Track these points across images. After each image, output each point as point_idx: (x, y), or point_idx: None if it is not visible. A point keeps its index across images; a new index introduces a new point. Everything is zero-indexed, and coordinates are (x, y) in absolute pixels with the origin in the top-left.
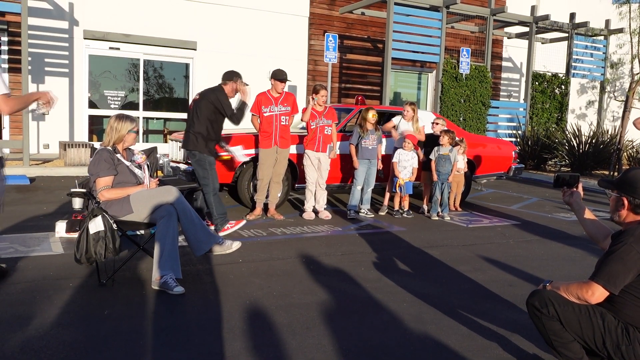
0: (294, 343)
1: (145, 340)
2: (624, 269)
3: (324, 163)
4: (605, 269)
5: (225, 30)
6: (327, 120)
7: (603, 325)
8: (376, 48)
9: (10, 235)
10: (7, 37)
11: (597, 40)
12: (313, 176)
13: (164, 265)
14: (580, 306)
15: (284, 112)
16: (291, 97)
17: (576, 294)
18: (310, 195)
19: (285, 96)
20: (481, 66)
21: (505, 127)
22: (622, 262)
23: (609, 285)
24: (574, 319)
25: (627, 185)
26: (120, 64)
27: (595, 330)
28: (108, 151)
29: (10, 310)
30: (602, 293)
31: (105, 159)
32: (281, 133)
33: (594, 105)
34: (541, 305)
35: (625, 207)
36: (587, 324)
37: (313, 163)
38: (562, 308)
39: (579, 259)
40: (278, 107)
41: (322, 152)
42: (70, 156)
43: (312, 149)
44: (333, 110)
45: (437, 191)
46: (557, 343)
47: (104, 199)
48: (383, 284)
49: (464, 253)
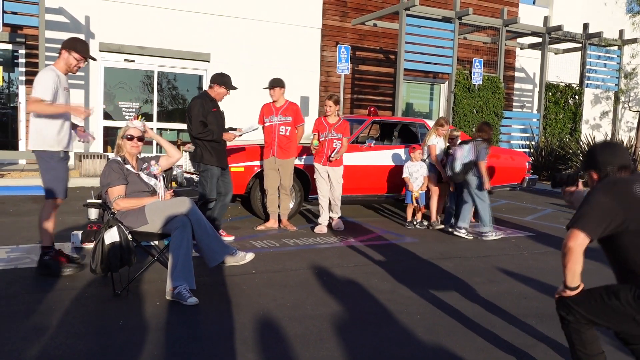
0: (307, 355)
1: (159, 351)
2: (591, 210)
3: (333, 177)
4: (575, 215)
5: (238, 42)
6: (337, 134)
7: (620, 303)
8: (388, 59)
9: (26, 245)
10: (24, 49)
11: (610, 50)
12: (324, 189)
13: (178, 276)
14: (595, 294)
15: (284, 122)
16: (293, 107)
17: (564, 247)
18: (323, 209)
19: (287, 106)
20: (494, 77)
21: (519, 137)
22: (589, 204)
23: (579, 224)
24: (597, 309)
25: (590, 161)
26: (134, 76)
27: (617, 313)
28: (117, 162)
29: (26, 320)
30: (576, 235)
31: (115, 169)
32: (279, 143)
33: (608, 115)
34: (566, 313)
35: (595, 179)
36: (608, 309)
37: (322, 176)
38: (585, 306)
39: (595, 271)
40: (278, 117)
41: (330, 166)
42: (85, 167)
43: (319, 162)
44: (346, 123)
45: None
46: (583, 355)
47: (119, 208)
48: (396, 296)
49: (478, 265)
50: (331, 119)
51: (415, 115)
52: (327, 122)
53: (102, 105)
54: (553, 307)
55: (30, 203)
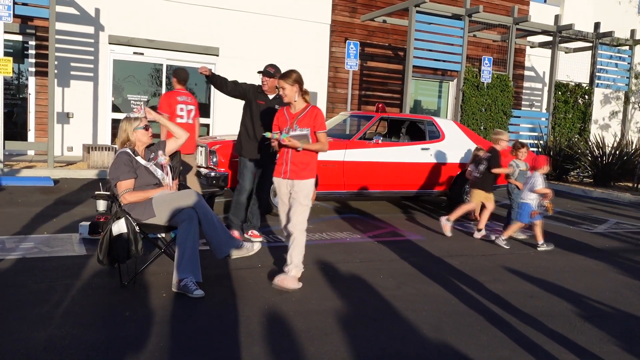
0: (311, 349)
1: (164, 342)
2: None
3: (296, 194)
4: None
5: (247, 37)
6: (301, 128)
7: None
8: (397, 56)
9: (34, 236)
10: (35, 41)
11: (622, 50)
12: (281, 211)
13: (185, 269)
14: None
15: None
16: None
17: None
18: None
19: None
20: (503, 75)
21: (527, 136)
22: None
23: None
24: None
25: None
26: (143, 69)
27: None
28: (127, 153)
29: (34, 309)
30: None
31: (125, 161)
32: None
33: (617, 115)
34: None
35: None
36: None
37: (282, 193)
38: None
39: (601, 271)
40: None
41: (292, 178)
42: (94, 159)
43: (279, 174)
44: (315, 111)
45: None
46: None
47: (126, 202)
48: (402, 293)
49: (484, 263)
50: (294, 107)
51: (424, 112)
52: (288, 112)
53: (111, 98)
54: (559, 306)
55: (38, 194)
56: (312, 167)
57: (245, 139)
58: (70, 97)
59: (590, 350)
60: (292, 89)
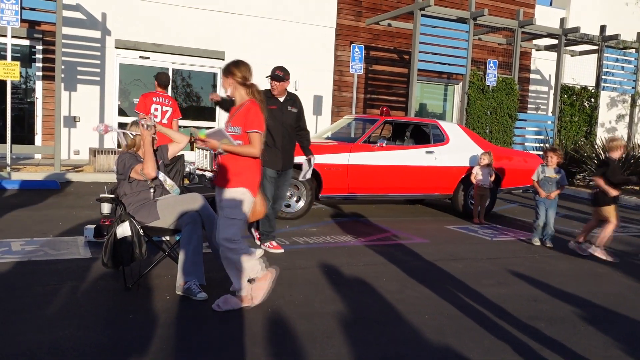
0: (314, 352)
1: (168, 345)
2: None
3: (221, 202)
4: None
5: (252, 41)
6: (234, 127)
7: None
8: (402, 59)
9: (40, 238)
10: (42, 45)
11: (628, 53)
12: None
13: (188, 272)
14: None
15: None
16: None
17: None
18: None
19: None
20: (508, 78)
21: (533, 140)
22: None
23: None
24: None
25: None
26: (149, 73)
27: None
28: (129, 153)
29: (38, 311)
30: None
31: (129, 156)
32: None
33: (624, 119)
34: None
35: None
36: None
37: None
38: None
39: (605, 275)
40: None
41: (219, 184)
42: (100, 162)
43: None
44: (251, 106)
45: (541, 216)
46: None
47: (150, 176)
48: (405, 296)
49: (488, 267)
50: (235, 103)
51: (429, 116)
52: (232, 109)
53: (117, 102)
54: (563, 310)
55: (44, 197)
56: (240, 173)
57: (266, 148)
58: (77, 101)
59: (594, 354)
60: (227, 81)
